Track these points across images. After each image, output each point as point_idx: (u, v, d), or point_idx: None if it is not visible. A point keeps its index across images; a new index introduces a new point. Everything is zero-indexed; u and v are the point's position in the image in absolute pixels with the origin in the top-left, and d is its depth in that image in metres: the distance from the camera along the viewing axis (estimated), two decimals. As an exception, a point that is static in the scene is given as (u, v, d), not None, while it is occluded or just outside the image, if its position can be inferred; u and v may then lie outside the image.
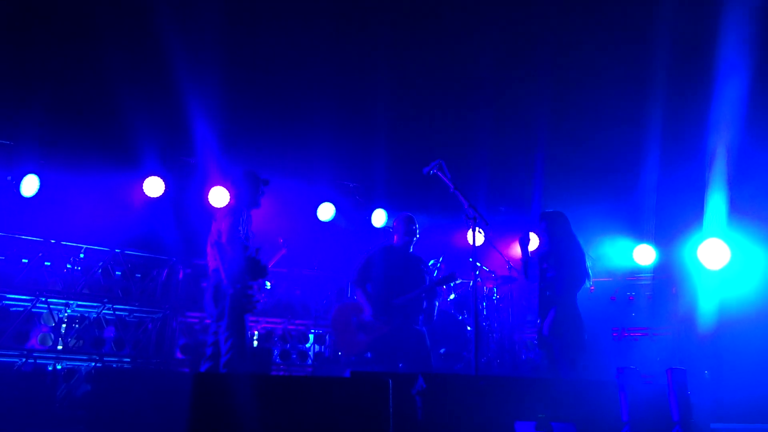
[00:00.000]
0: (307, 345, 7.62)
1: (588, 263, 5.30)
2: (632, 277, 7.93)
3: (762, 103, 6.18)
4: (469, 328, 7.13)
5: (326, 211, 8.00)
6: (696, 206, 7.16)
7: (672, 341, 7.43)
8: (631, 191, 7.60)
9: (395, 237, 5.77)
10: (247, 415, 2.28)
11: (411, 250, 5.78)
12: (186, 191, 7.40)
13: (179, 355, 6.78)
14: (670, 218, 7.61)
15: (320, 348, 7.70)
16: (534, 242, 5.61)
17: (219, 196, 7.38)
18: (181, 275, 7.07)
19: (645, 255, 7.92)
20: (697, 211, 7.18)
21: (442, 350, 6.93)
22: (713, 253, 7.24)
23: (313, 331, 7.67)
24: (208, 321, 7.07)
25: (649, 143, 6.84)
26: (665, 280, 7.79)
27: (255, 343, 7.33)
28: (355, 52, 6.56)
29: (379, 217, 8.12)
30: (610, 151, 7.33)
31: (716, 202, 6.96)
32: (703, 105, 6.18)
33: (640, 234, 7.85)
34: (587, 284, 5.26)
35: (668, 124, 6.61)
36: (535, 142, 6.96)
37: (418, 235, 5.99)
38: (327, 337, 7.72)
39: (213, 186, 7.41)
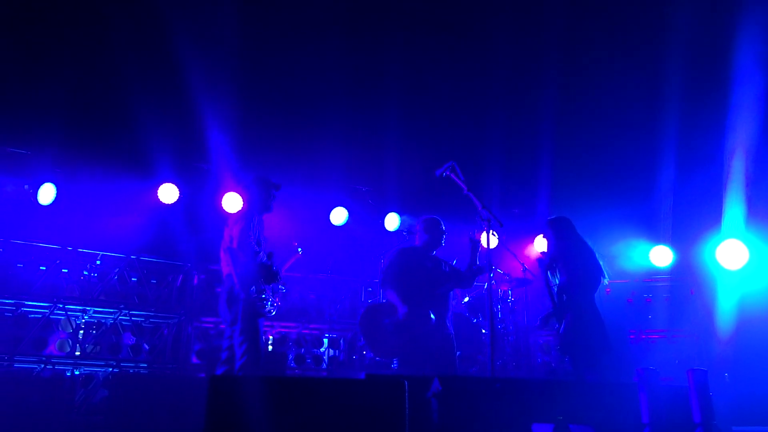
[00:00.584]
0: (322, 349, 7.62)
1: (601, 261, 5.26)
2: (649, 278, 7.84)
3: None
4: (483, 331, 7.09)
5: (339, 216, 8.01)
6: (714, 207, 7.09)
7: (690, 343, 7.34)
8: (649, 192, 7.53)
9: (417, 238, 5.68)
10: (262, 417, 2.28)
11: (434, 252, 5.72)
12: (200, 197, 7.45)
13: (195, 360, 6.81)
14: (688, 219, 7.53)
15: (335, 352, 7.70)
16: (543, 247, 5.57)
17: (233, 202, 7.42)
18: (195, 281, 7.11)
19: (662, 256, 7.84)
20: (715, 212, 7.11)
21: (457, 353, 6.89)
22: (731, 253, 7.15)
23: (327, 335, 7.67)
24: (222, 326, 7.12)
25: (666, 143, 6.79)
26: (683, 281, 7.70)
27: (270, 347, 7.34)
28: (367, 58, 6.59)
29: (392, 221, 8.12)
30: (627, 151, 7.28)
31: (734, 202, 6.89)
32: (721, 106, 6.13)
33: (657, 235, 7.78)
34: (604, 281, 5.22)
35: (685, 126, 6.57)
36: (550, 145, 6.93)
37: (445, 236, 5.85)
38: (341, 341, 7.71)
39: (227, 192, 7.45)
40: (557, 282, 5.16)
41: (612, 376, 5.01)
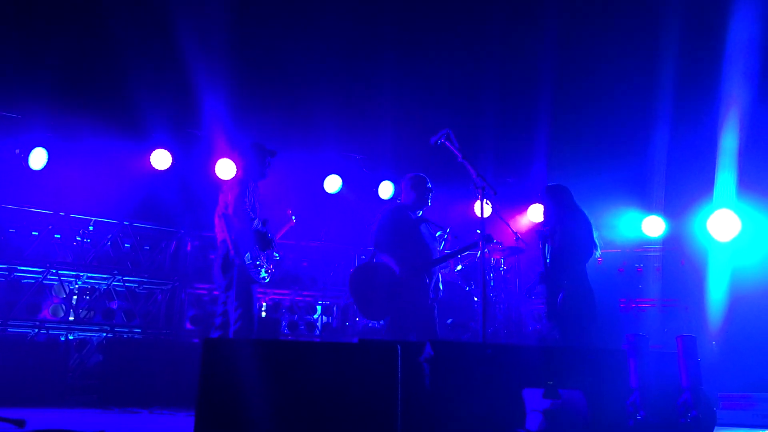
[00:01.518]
0: (315, 316, 7.68)
1: (595, 234, 5.29)
2: (641, 248, 7.89)
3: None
4: (476, 299, 7.15)
5: (333, 183, 7.98)
6: (706, 176, 7.10)
7: (680, 312, 7.43)
8: (641, 162, 7.53)
9: (403, 196, 5.52)
10: (256, 379, 2.31)
11: (422, 213, 5.63)
12: (193, 164, 7.40)
13: (189, 325, 6.85)
14: (680, 188, 7.55)
15: (328, 319, 7.76)
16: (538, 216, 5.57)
17: (226, 169, 7.39)
18: (189, 247, 7.11)
19: (654, 226, 7.88)
20: (707, 182, 7.12)
21: (449, 321, 6.96)
22: (723, 224, 7.19)
23: (320, 302, 7.72)
24: (216, 292, 7.15)
25: (658, 113, 6.76)
26: (674, 251, 7.76)
27: (263, 314, 7.39)
28: (362, 24, 6.48)
29: (386, 189, 8.11)
30: (619, 120, 7.26)
31: (726, 172, 6.90)
32: (715, 73, 6.08)
33: (649, 205, 7.80)
34: (596, 254, 5.26)
35: (678, 94, 6.52)
36: (543, 111, 6.88)
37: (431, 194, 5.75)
38: (334, 308, 7.77)
39: (220, 158, 7.41)
40: (553, 248, 5.17)
41: (599, 344, 5.06)
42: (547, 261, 5.22)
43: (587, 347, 4.13)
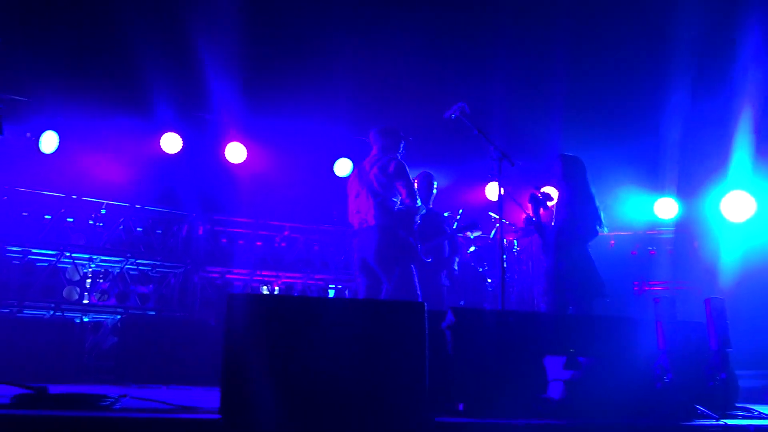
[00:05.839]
0: (328, 299, 7.68)
1: (601, 213, 5.15)
2: (653, 231, 7.85)
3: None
4: (489, 280, 7.13)
5: (344, 167, 7.97)
6: (720, 157, 7.03)
7: (693, 295, 7.39)
8: (653, 144, 7.46)
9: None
10: (281, 334, 2.30)
11: (430, 206, 5.78)
12: (203, 147, 7.41)
13: (202, 308, 6.86)
14: (693, 170, 7.48)
15: (340, 303, 7.75)
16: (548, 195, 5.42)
17: (236, 152, 7.42)
18: (200, 231, 7.11)
19: (667, 209, 7.83)
20: (720, 163, 7.06)
21: (462, 302, 6.94)
22: (737, 205, 7.13)
23: (332, 285, 7.72)
24: (228, 276, 7.17)
25: (670, 91, 6.69)
26: (687, 233, 7.71)
27: (276, 297, 7.39)
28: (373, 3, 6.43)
29: (397, 173, 8.06)
30: (630, 99, 7.18)
31: (741, 152, 6.83)
32: (731, 49, 6.00)
33: (662, 186, 7.74)
34: (603, 230, 5.12)
35: (693, 71, 6.44)
36: (554, 93, 6.82)
37: (435, 192, 5.98)
38: (346, 291, 7.76)
39: (230, 142, 7.42)
40: (559, 219, 5.06)
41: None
42: (538, 221, 5.09)
43: (610, 316, 4.09)
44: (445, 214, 6.38)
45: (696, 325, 3.41)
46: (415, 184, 5.80)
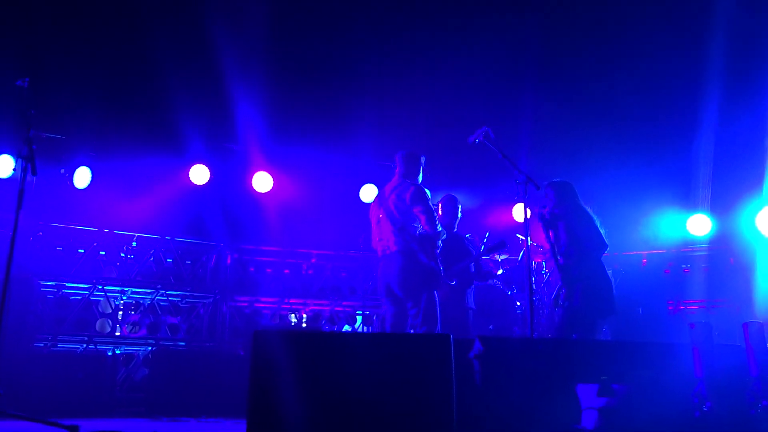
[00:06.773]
0: (356, 326, 7.65)
1: (602, 230, 5.07)
2: (687, 248, 7.66)
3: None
4: (518, 303, 7.03)
5: (369, 193, 7.98)
6: (755, 172, 6.87)
7: (730, 313, 7.17)
8: (686, 159, 7.32)
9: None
10: (307, 370, 2.29)
11: (455, 230, 5.78)
12: (230, 178, 7.51)
13: (231, 338, 6.89)
14: (727, 185, 7.31)
15: (369, 329, 7.71)
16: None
17: (262, 182, 7.50)
18: (229, 260, 7.18)
19: (700, 225, 7.65)
20: (755, 177, 6.89)
21: (490, 326, 6.85)
22: (773, 220, 6.93)
23: (360, 312, 7.69)
24: (257, 305, 7.20)
25: (703, 106, 6.57)
26: (722, 250, 7.51)
27: (303, 325, 7.39)
28: (397, 34, 6.49)
29: (422, 198, 8.05)
30: (663, 114, 7.07)
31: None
32: (764, 60, 5.88)
33: (695, 203, 7.58)
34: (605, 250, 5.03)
35: (726, 86, 6.33)
36: (588, 108, 6.74)
37: (460, 215, 5.97)
38: (374, 317, 7.72)
39: (256, 171, 7.51)
40: (560, 244, 5.00)
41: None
42: (557, 253, 5.02)
43: (644, 342, 3.98)
44: (467, 236, 6.35)
45: (735, 350, 3.29)
46: (440, 208, 5.83)
